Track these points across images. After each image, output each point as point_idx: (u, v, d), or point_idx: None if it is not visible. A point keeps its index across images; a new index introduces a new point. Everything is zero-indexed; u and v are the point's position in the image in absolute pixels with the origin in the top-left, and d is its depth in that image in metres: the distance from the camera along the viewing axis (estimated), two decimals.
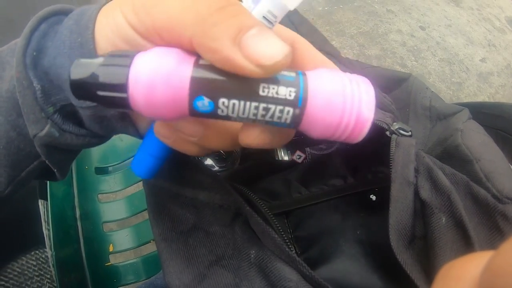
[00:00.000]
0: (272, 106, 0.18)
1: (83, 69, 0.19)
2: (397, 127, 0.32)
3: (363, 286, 0.32)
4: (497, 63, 2.09)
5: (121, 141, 0.84)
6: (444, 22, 2.26)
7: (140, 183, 0.87)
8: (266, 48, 0.17)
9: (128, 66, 0.18)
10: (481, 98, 1.90)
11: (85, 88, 0.19)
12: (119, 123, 0.26)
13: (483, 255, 0.15)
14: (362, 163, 0.44)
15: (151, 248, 0.83)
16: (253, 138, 0.21)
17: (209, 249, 0.31)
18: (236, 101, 0.18)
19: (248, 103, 0.18)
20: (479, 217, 0.27)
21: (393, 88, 0.46)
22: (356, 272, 0.33)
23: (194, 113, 0.19)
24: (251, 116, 0.19)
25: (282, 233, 0.31)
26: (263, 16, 0.23)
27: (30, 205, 0.64)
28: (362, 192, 0.41)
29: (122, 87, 0.18)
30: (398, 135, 0.31)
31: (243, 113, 0.19)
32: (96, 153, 0.85)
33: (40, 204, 0.67)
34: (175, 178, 0.33)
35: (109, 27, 0.21)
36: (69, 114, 0.25)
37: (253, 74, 0.17)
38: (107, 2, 0.23)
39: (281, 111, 0.19)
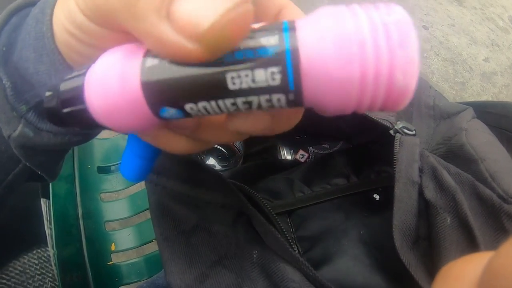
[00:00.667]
0: (254, 98, 0.14)
1: (49, 93, 0.17)
2: (401, 126, 0.32)
3: (366, 287, 0.32)
4: (500, 63, 2.09)
5: (124, 140, 0.84)
6: (447, 21, 2.25)
7: (143, 183, 0.87)
8: (197, 6, 0.12)
9: (84, 74, 0.16)
10: (485, 98, 1.90)
11: (54, 112, 0.17)
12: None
13: (482, 256, 0.16)
14: (365, 162, 0.44)
15: (153, 247, 0.83)
16: (242, 122, 0.17)
17: (211, 249, 0.31)
18: (205, 103, 0.14)
19: (220, 101, 0.14)
20: (484, 217, 0.27)
21: None
22: (359, 273, 0.33)
23: (165, 120, 0.16)
24: (233, 111, 0.15)
25: (285, 232, 0.30)
26: None
27: (32, 204, 0.64)
28: (365, 191, 0.41)
29: (80, 97, 0.15)
30: (402, 134, 0.31)
31: (222, 110, 0.15)
32: (98, 152, 0.85)
33: (42, 203, 0.67)
34: (177, 177, 0.33)
35: (63, 13, 0.19)
36: None
37: (191, 55, 0.13)
38: None
39: (269, 101, 0.14)
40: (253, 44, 0.13)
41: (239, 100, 0.14)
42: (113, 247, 0.80)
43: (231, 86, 0.13)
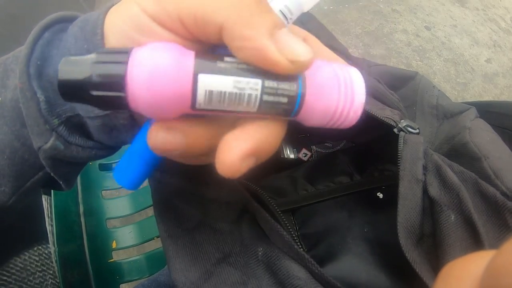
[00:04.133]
0: (267, 97, 0.19)
1: (73, 67, 0.18)
2: (405, 124, 0.32)
3: (371, 285, 0.32)
4: (502, 64, 2.10)
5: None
6: (450, 22, 2.27)
7: (145, 181, 0.88)
8: (299, 46, 0.18)
9: (125, 62, 0.17)
10: (486, 99, 1.92)
11: (76, 88, 0.18)
12: (129, 132, 0.25)
13: (484, 255, 0.15)
14: (368, 161, 0.44)
15: (154, 245, 0.85)
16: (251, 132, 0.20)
17: (216, 246, 0.31)
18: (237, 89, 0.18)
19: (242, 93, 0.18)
20: (488, 214, 0.28)
21: (400, 86, 0.47)
22: (363, 270, 0.33)
23: (195, 111, 0.19)
24: (251, 109, 0.19)
25: (290, 230, 0.31)
26: (280, 10, 0.23)
27: (33, 200, 0.64)
28: (368, 190, 0.41)
29: (120, 85, 0.17)
30: (406, 133, 0.32)
31: (242, 104, 0.19)
32: None
33: (43, 199, 0.67)
34: (181, 175, 0.33)
35: (121, 20, 0.21)
36: (76, 125, 0.24)
37: (285, 69, 0.18)
38: (113, 5, 0.22)
39: (278, 100, 0.19)
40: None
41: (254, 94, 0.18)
42: (114, 245, 0.81)
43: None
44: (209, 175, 0.32)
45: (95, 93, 0.18)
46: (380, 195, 0.41)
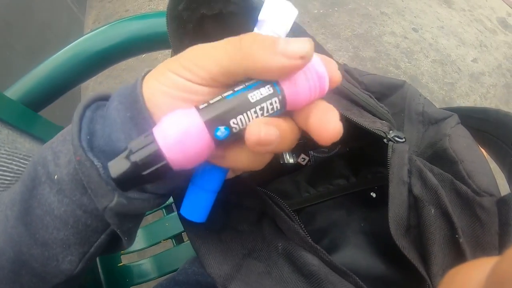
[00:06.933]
0: (264, 104, 0.23)
1: (118, 165, 0.22)
2: (393, 135, 0.36)
3: (369, 270, 0.36)
4: (488, 63, 2.11)
5: None
6: (437, 23, 2.27)
7: None
8: (298, 44, 0.22)
9: (153, 140, 0.22)
10: (473, 97, 1.92)
11: (129, 177, 0.22)
12: (181, 177, 0.28)
13: (487, 261, 0.15)
14: (362, 164, 0.48)
15: (161, 248, 0.86)
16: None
17: (241, 244, 0.35)
18: (241, 116, 0.23)
19: (249, 112, 0.23)
20: (461, 207, 0.32)
21: (389, 94, 0.49)
22: (362, 258, 0.37)
23: (218, 142, 0.23)
24: (255, 117, 0.23)
25: (302, 227, 0.35)
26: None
27: None
28: (363, 190, 0.45)
29: (159, 157, 0.22)
30: (394, 142, 0.35)
31: (250, 120, 0.23)
32: None
33: None
34: None
35: (165, 85, 0.24)
36: None
37: (298, 66, 0.22)
38: (143, 77, 0.26)
39: (271, 103, 0.23)
40: (254, 81, 0.24)
41: (258, 108, 0.23)
42: None
43: (252, 100, 0.23)
44: (232, 186, 0.35)
45: (145, 172, 0.22)
46: (374, 195, 0.44)
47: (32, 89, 0.61)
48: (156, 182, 0.24)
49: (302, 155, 0.55)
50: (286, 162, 0.58)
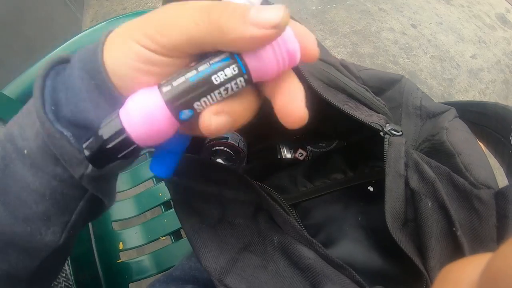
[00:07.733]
0: (228, 85, 0.22)
1: (91, 145, 0.24)
2: (389, 128, 0.35)
3: (366, 264, 0.36)
4: (487, 59, 2.10)
5: None
6: (435, 19, 2.26)
7: (147, 183, 0.89)
8: (270, 12, 0.20)
9: (116, 117, 0.23)
10: (472, 93, 1.91)
11: (99, 152, 0.24)
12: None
13: (481, 258, 0.15)
14: (359, 159, 0.48)
15: (159, 244, 0.85)
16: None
17: (237, 238, 0.35)
18: (205, 98, 0.23)
19: (212, 94, 0.22)
20: (459, 200, 0.31)
21: (387, 88, 0.49)
22: (359, 252, 0.37)
23: (182, 122, 0.23)
24: (220, 99, 0.23)
25: (298, 221, 0.34)
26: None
27: None
28: (360, 184, 0.45)
29: (128, 141, 0.23)
30: (390, 135, 0.35)
31: (214, 101, 0.23)
32: None
33: None
34: (201, 178, 0.37)
35: (128, 56, 0.23)
36: None
37: (270, 36, 0.20)
38: (103, 41, 0.25)
39: (236, 83, 0.23)
40: (219, 59, 0.22)
41: (222, 89, 0.22)
42: (121, 246, 0.82)
43: (215, 82, 0.22)
44: (228, 179, 0.35)
45: (109, 145, 0.24)
46: (371, 189, 0.44)
47: (30, 87, 0.60)
48: (128, 158, 0.25)
49: (300, 150, 0.55)
50: (283, 157, 0.58)
